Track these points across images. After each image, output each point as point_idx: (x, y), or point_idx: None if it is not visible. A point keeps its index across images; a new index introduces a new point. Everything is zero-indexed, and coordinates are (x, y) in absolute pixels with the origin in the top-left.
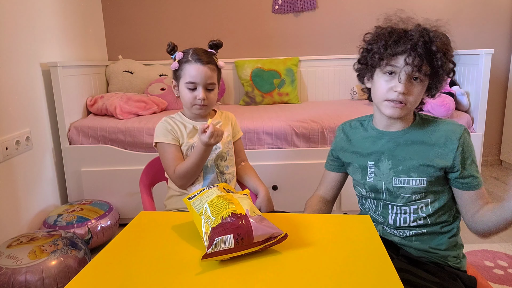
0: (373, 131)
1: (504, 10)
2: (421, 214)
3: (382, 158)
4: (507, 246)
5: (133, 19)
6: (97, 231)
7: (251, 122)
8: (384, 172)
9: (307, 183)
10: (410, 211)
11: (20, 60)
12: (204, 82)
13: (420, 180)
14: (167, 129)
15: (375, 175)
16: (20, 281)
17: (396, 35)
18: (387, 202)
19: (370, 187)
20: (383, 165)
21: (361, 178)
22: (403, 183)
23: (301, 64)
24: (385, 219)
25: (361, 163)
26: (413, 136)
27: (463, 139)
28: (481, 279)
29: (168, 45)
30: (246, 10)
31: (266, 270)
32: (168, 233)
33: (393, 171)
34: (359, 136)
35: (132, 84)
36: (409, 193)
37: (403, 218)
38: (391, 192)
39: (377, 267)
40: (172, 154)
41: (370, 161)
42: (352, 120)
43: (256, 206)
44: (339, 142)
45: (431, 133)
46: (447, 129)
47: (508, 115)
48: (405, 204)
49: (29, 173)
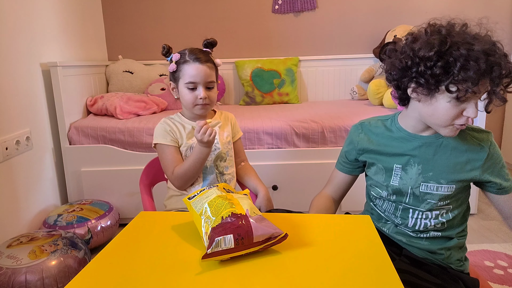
0: (400, 132)
1: (504, 10)
2: (441, 219)
3: (411, 161)
4: (507, 246)
5: (133, 19)
6: (97, 231)
7: (251, 122)
8: (412, 176)
9: (307, 183)
10: (431, 217)
11: (20, 60)
12: (204, 81)
13: (449, 187)
14: (166, 130)
15: (400, 178)
16: (20, 281)
17: (484, 62)
18: (409, 206)
19: (394, 190)
20: (411, 169)
21: (384, 180)
22: (432, 189)
23: (301, 64)
24: (404, 222)
25: (386, 165)
26: (445, 142)
27: (493, 146)
28: (482, 280)
29: (163, 47)
30: (246, 10)
31: (266, 270)
32: (168, 233)
33: (422, 176)
34: (383, 136)
35: (132, 84)
36: (435, 200)
37: (423, 223)
38: (417, 197)
39: (378, 267)
40: (170, 155)
41: (398, 164)
42: (371, 119)
43: (256, 206)
44: (360, 143)
45: (462, 140)
46: (478, 136)
47: (508, 115)
48: (428, 209)
49: (29, 173)
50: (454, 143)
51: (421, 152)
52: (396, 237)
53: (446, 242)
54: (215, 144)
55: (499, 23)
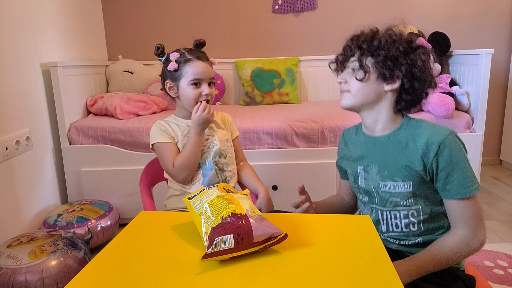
0: (362, 135)
1: (504, 10)
2: (412, 219)
3: (369, 163)
4: (507, 246)
5: (133, 19)
6: (97, 231)
7: (251, 122)
8: (373, 177)
9: (307, 183)
10: (400, 217)
11: (20, 60)
12: (208, 77)
13: (405, 184)
14: (161, 129)
15: (365, 179)
16: (20, 281)
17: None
18: (378, 207)
19: (364, 190)
20: (371, 169)
21: (355, 182)
22: (390, 188)
23: (301, 64)
24: (379, 226)
25: (353, 168)
26: (397, 140)
27: (444, 144)
28: (481, 279)
29: (158, 47)
30: (246, 10)
31: (266, 270)
32: (168, 233)
33: (380, 176)
34: (352, 142)
35: (132, 84)
36: (397, 198)
37: (394, 223)
38: (381, 197)
39: (377, 267)
40: (169, 151)
41: (360, 166)
42: (353, 126)
43: (257, 207)
44: (340, 151)
45: (415, 137)
46: (431, 133)
47: (508, 115)
48: (394, 209)
49: (29, 173)
50: (407, 140)
51: (376, 152)
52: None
53: None
54: (213, 141)
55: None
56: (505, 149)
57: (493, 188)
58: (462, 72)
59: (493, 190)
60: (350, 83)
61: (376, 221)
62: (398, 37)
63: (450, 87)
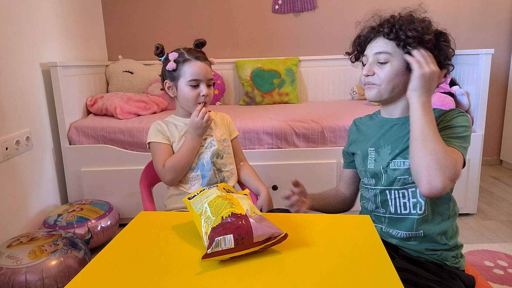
0: (378, 118)
1: (504, 10)
2: (419, 199)
3: (382, 144)
4: (507, 246)
5: (133, 19)
6: (97, 231)
7: (251, 122)
8: (384, 157)
9: (307, 183)
10: (408, 195)
11: (20, 60)
12: (206, 78)
13: None
14: (158, 129)
15: (375, 161)
16: (20, 281)
17: None
18: (385, 187)
19: (371, 173)
20: (383, 150)
21: (363, 165)
22: (399, 165)
23: (301, 64)
24: (386, 209)
25: (363, 150)
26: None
27: (454, 111)
28: (481, 279)
29: (157, 47)
30: (246, 10)
31: (266, 270)
32: (168, 233)
33: (391, 155)
34: (367, 125)
35: (132, 84)
36: (406, 175)
37: (402, 203)
38: (389, 176)
39: (377, 267)
40: (161, 151)
41: (371, 147)
42: (364, 116)
43: (258, 206)
44: (351, 136)
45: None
46: (445, 111)
47: (508, 115)
48: (402, 187)
49: (29, 173)
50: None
51: (391, 131)
52: (386, 240)
53: (433, 241)
54: (211, 141)
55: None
56: (505, 149)
57: (493, 188)
58: (462, 72)
59: (493, 190)
60: (379, 75)
61: (383, 202)
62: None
63: (450, 87)
